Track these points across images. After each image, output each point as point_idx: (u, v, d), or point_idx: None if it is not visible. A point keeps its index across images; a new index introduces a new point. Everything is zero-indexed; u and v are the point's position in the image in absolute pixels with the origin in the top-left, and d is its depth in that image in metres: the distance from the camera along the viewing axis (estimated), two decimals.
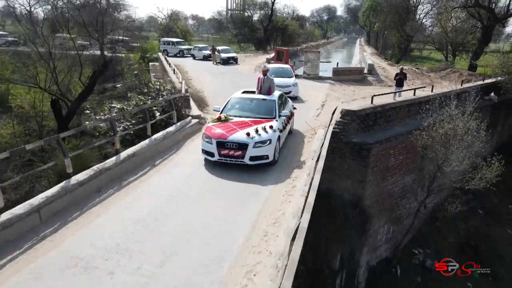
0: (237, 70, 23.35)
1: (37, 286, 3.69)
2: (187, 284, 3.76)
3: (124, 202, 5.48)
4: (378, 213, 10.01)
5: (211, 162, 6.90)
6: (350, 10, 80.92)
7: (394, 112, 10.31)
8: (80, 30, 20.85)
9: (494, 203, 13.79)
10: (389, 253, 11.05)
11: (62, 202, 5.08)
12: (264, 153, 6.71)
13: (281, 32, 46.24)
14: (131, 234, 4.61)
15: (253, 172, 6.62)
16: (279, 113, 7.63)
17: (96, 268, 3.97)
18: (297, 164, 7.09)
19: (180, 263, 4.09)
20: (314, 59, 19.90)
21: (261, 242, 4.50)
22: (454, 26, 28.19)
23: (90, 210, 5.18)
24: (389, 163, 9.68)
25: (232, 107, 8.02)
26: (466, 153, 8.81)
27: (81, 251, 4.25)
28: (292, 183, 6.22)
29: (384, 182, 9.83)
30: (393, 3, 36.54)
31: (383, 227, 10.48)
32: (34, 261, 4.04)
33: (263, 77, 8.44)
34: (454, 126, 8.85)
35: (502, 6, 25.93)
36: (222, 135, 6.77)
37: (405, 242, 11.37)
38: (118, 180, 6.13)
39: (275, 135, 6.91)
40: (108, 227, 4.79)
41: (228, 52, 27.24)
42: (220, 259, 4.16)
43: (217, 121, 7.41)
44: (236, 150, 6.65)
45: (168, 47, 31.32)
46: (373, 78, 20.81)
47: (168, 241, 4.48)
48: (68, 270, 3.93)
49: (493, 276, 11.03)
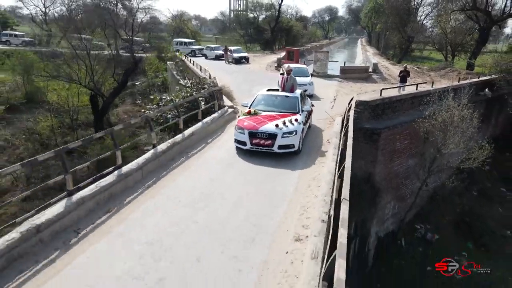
0: (250, 69, 24.92)
1: (157, 212, 5.32)
2: (262, 213, 5.38)
3: (194, 167, 7.10)
4: (386, 190, 11.64)
5: (242, 150, 7.80)
6: (352, 11, 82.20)
7: (399, 104, 11.94)
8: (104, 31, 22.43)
9: (487, 186, 15.46)
10: (395, 227, 12.68)
11: (153, 165, 6.71)
12: (290, 142, 7.52)
13: (286, 33, 47.92)
14: (209, 186, 6.24)
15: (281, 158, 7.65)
16: (301, 108, 8.54)
17: (193, 204, 5.60)
18: (320, 153, 7.98)
19: (252, 201, 5.71)
20: (323, 58, 21.52)
21: (307, 190, 6.14)
22: (453, 27, 29.62)
23: (172, 171, 6.83)
24: (395, 147, 11.32)
25: (258, 103, 8.86)
26: (461, 137, 10.44)
27: (177, 195, 5.87)
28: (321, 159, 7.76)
29: (391, 163, 11.47)
30: (394, 5, 38.00)
31: (389, 203, 12.12)
32: (148, 200, 5.67)
33: (286, 76, 9.31)
34: (451, 115, 10.48)
35: (498, 9, 27.61)
36: (253, 127, 7.63)
37: (409, 218, 13.00)
38: (184, 152, 7.77)
39: (300, 127, 7.77)
40: (190, 182, 6.41)
41: (240, 52, 28.86)
42: (280, 200, 5.79)
43: (247, 114, 8.29)
44: (266, 139, 7.49)
45: (180, 47, 32.95)
46: (377, 76, 22.39)
47: (238, 192, 6.08)
48: (174, 205, 5.56)
49: (485, 247, 12.67)
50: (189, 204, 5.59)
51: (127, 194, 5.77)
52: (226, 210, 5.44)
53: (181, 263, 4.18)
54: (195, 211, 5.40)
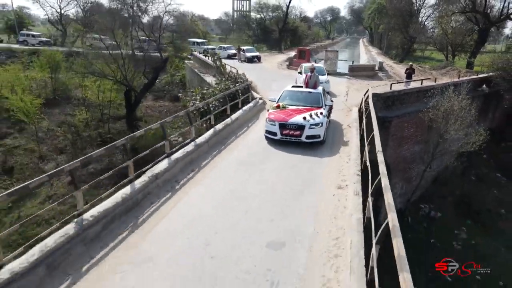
0: (263, 67, 26.60)
1: (229, 171, 6.98)
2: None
3: (241, 145, 8.73)
4: (394, 173, 13.27)
5: (273, 140, 8.66)
6: (354, 11, 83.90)
7: (406, 97, 13.60)
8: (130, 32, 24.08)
9: (484, 172, 17.14)
10: (402, 205, 14.33)
11: (213, 141, 8.37)
12: (317, 133, 8.35)
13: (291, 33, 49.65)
14: (255, 161, 7.74)
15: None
16: (324, 103, 9.41)
17: (252, 165, 7.24)
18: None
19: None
20: (333, 57, 23.21)
21: (339, 159, 7.78)
22: (454, 28, 31.24)
23: (228, 146, 8.49)
24: (403, 134, 12.99)
25: (284, 98, 9.67)
26: (461, 124, 12.10)
27: (236, 162, 7.49)
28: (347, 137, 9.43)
29: (400, 148, 13.14)
30: (397, 7, 39.51)
31: (398, 184, 13.78)
32: (219, 164, 7.34)
33: (310, 74, 10.31)
34: (452, 105, 12.14)
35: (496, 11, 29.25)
36: (283, 119, 8.46)
37: (414, 198, 14.66)
38: (233, 133, 9.42)
39: (324, 120, 8.61)
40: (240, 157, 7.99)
41: (252, 51, 30.55)
42: (318, 163, 7.46)
43: (276, 108, 9.13)
44: (295, 130, 8.29)
45: (193, 46, 34.64)
46: (383, 74, 24.07)
47: (287, 160, 7.73)
48: (240, 166, 7.21)
49: (482, 224, 14.33)
50: (248, 168, 7.23)
51: (202, 160, 7.45)
52: (280, 171, 7.10)
53: (257, 202, 5.82)
54: (256, 171, 7.06)
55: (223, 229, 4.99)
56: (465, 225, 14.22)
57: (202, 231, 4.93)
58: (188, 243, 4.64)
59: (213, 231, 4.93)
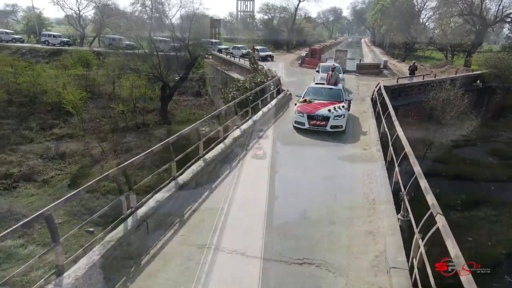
0: (276, 65, 28.95)
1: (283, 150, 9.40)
2: (336, 145, 9.29)
3: (284, 123, 11.11)
4: None
5: (301, 130, 10.11)
6: (356, 12, 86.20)
7: (410, 89, 16.03)
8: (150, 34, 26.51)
9: (477, 156, 19.52)
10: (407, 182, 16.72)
11: (260, 122, 10.76)
12: (339, 123, 9.66)
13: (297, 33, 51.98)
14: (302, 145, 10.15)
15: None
16: (345, 98, 10.77)
17: (303, 147, 9.58)
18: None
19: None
20: (342, 56, 25.63)
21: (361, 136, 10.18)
22: (453, 29, 33.61)
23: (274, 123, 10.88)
24: (408, 120, 15.38)
25: (309, 94, 11.05)
26: (456, 111, 14.52)
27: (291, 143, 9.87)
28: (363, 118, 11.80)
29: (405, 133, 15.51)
30: (400, 9, 41.94)
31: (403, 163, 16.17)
32: None
33: (331, 72, 11.94)
34: (448, 96, 14.56)
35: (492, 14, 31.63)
36: (311, 111, 9.87)
37: None
38: (272, 117, 11.80)
39: (346, 112, 10.01)
40: None
41: (265, 51, 32.93)
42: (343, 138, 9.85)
43: (303, 102, 10.52)
44: (321, 121, 9.65)
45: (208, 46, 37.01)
46: (387, 71, 26.48)
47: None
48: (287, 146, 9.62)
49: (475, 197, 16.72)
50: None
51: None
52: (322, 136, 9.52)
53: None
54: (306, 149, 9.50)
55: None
56: (460, 198, 16.62)
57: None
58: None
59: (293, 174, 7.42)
